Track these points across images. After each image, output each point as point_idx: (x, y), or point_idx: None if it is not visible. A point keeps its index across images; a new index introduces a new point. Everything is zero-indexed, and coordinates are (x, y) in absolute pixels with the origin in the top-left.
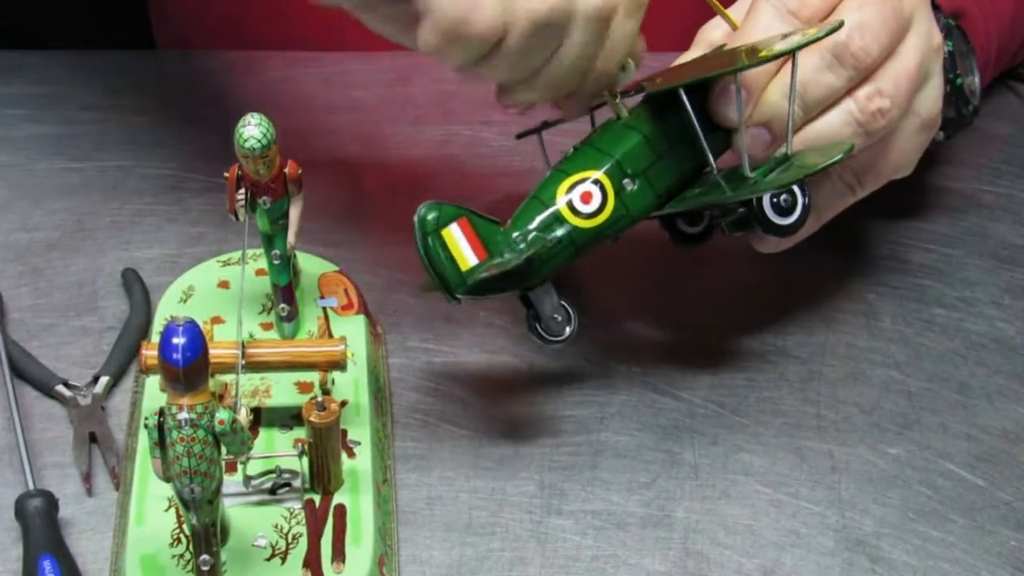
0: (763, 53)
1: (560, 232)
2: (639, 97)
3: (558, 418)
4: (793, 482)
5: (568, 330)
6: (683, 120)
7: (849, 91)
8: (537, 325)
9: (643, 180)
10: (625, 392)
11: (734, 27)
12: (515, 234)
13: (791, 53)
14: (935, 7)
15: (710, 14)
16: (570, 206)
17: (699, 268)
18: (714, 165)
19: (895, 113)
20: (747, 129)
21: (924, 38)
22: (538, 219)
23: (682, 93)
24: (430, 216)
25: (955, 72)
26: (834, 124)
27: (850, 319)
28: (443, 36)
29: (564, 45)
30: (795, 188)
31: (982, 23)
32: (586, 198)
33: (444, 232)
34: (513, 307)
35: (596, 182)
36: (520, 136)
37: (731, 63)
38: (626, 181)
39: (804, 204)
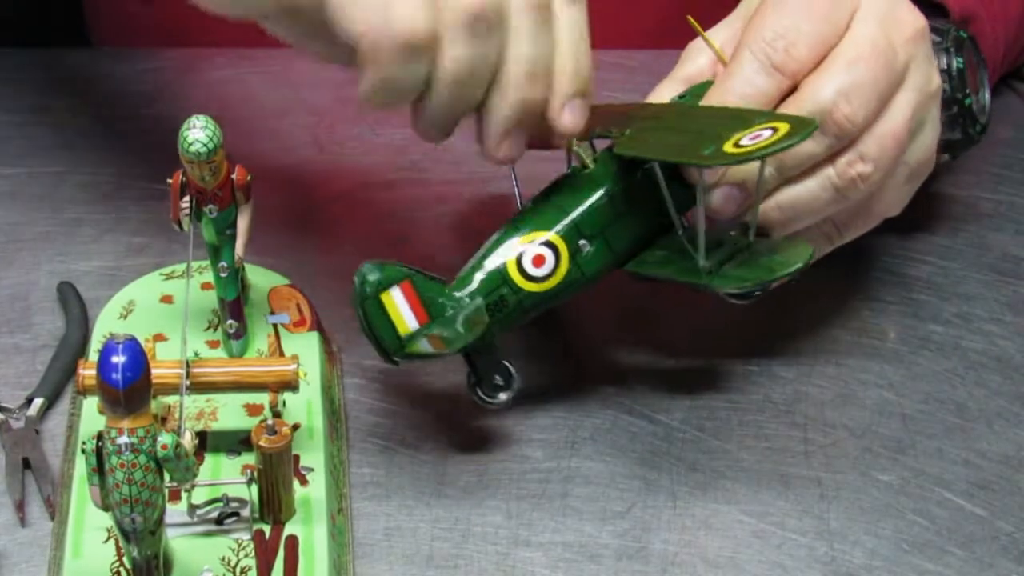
0: (730, 148)
1: (508, 296)
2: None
3: (526, 442)
4: (778, 511)
5: (504, 396)
6: (650, 177)
7: (830, 156)
8: (477, 386)
9: (600, 241)
10: (598, 415)
11: (721, 60)
12: (459, 295)
13: (760, 159)
14: (944, 15)
15: (691, 10)
16: (520, 269)
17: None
18: (680, 228)
19: (877, 177)
20: (719, 187)
21: (919, 89)
22: (484, 281)
23: (656, 165)
24: (371, 278)
25: (964, 91)
26: (811, 189)
27: (840, 336)
28: (371, 51)
29: (511, 43)
30: None
31: (990, 27)
32: (538, 261)
33: (384, 296)
34: None
35: (549, 244)
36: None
37: (702, 140)
38: (582, 242)
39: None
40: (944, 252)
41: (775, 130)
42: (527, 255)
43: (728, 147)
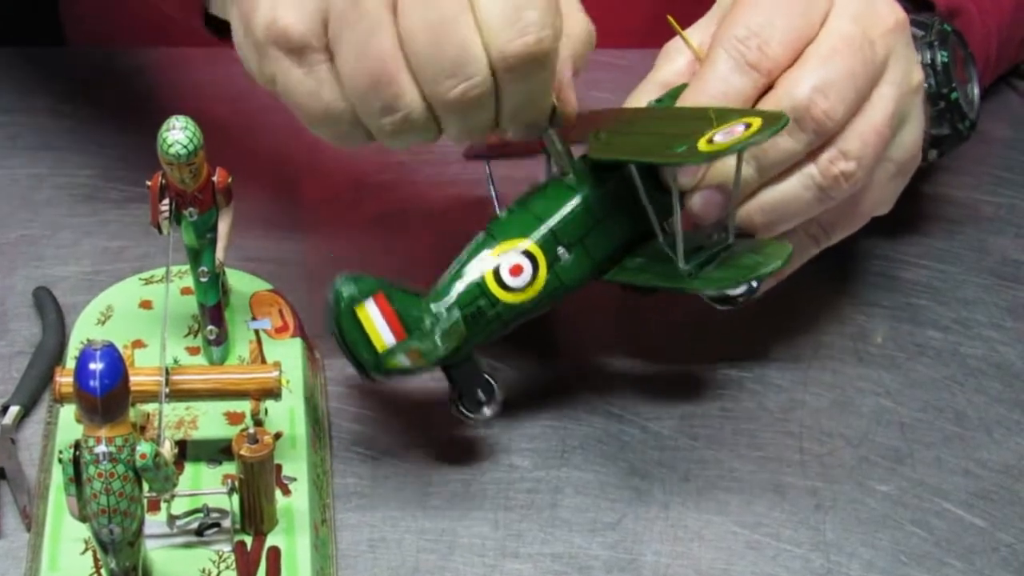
0: (703, 146)
1: (486, 307)
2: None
3: (514, 451)
4: (773, 522)
5: (487, 411)
6: (628, 183)
7: (811, 153)
8: (459, 402)
9: (580, 249)
10: (588, 423)
11: (698, 56)
12: (436, 308)
13: (737, 153)
14: (929, 8)
15: (678, 10)
16: (498, 279)
17: None
18: (659, 234)
19: (861, 175)
20: (699, 191)
21: (899, 83)
22: (461, 293)
23: (633, 170)
24: (345, 292)
25: (950, 85)
26: (793, 189)
27: (836, 343)
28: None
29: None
30: None
31: (980, 20)
32: (515, 271)
33: (358, 309)
34: None
35: (527, 253)
36: (468, 158)
37: (675, 140)
38: (561, 250)
39: (749, 286)
40: (942, 256)
41: (748, 125)
42: (504, 265)
43: (701, 144)
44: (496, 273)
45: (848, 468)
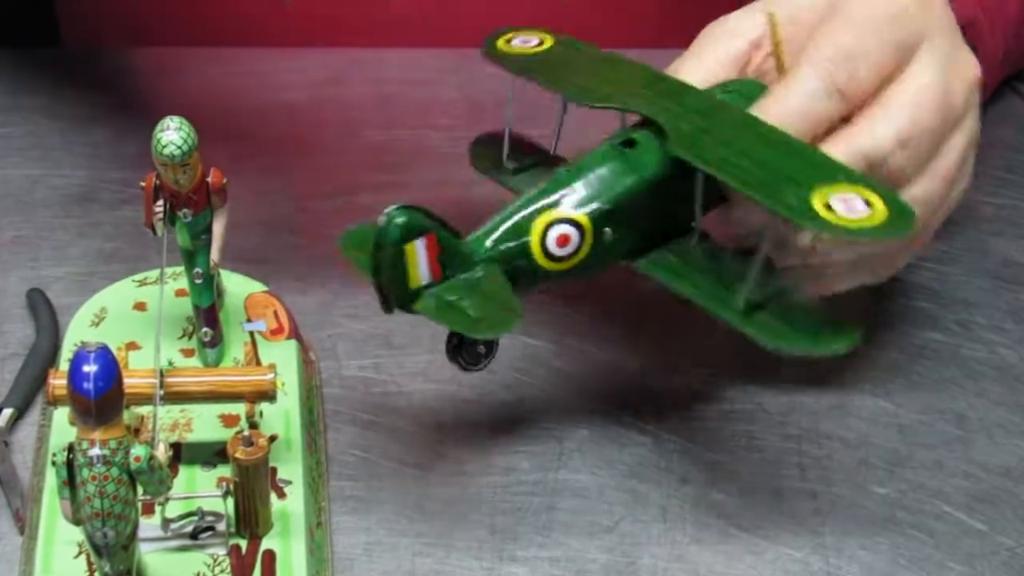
0: (820, 208)
1: (523, 267)
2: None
3: (511, 454)
4: (771, 525)
5: (485, 363)
6: (686, 170)
7: None
8: (459, 350)
9: (624, 231)
10: (585, 425)
11: (778, 58)
12: (476, 254)
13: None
14: None
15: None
16: (543, 246)
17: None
18: (697, 234)
19: (921, 223)
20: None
21: (968, 136)
22: (505, 243)
23: (700, 177)
24: (398, 220)
25: None
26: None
27: None
28: None
29: None
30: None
31: (988, 27)
32: (562, 241)
33: (408, 247)
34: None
35: (577, 224)
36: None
37: (784, 182)
38: (607, 229)
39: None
40: (943, 257)
41: (869, 204)
42: (553, 232)
43: (817, 203)
44: (543, 239)
45: (847, 470)
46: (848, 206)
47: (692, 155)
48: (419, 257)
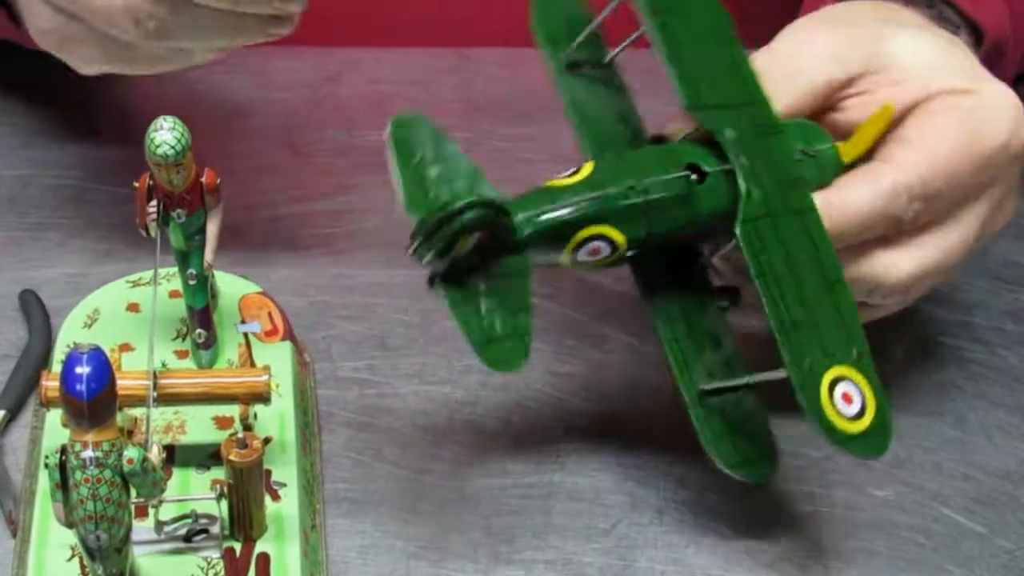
0: (824, 395)
1: (547, 260)
2: None
3: (507, 456)
4: (770, 528)
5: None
6: (728, 219)
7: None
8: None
9: (652, 249)
10: (581, 428)
11: (864, 142)
12: (517, 233)
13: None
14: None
15: None
16: (575, 251)
17: None
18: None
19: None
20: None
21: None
22: (542, 240)
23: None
24: (467, 215)
25: None
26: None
27: None
28: None
29: None
30: None
31: (1012, 51)
32: (594, 251)
33: (465, 238)
34: (454, 334)
35: (613, 242)
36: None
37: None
38: (635, 249)
39: (736, 297)
40: None
41: (864, 406)
42: (589, 245)
43: (825, 382)
44: (578, 246)
45: (845, 473)
46: (846, 399)
47: (748, 250)
48: (468, 245)
